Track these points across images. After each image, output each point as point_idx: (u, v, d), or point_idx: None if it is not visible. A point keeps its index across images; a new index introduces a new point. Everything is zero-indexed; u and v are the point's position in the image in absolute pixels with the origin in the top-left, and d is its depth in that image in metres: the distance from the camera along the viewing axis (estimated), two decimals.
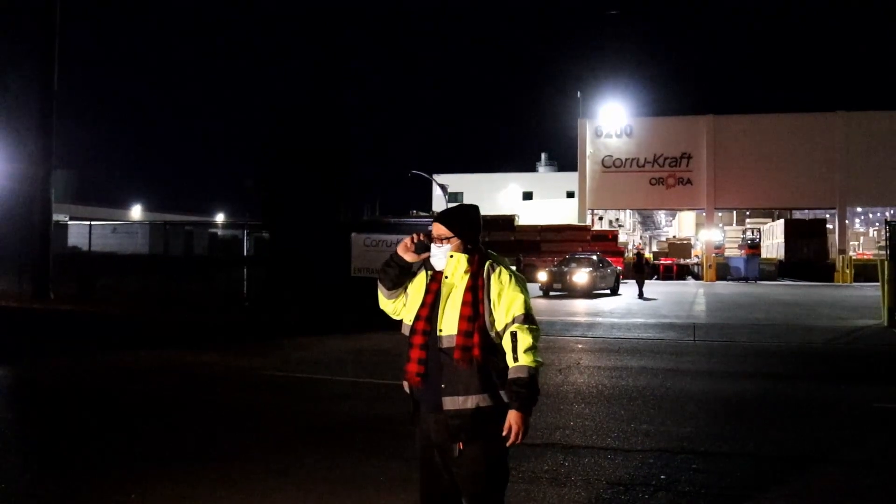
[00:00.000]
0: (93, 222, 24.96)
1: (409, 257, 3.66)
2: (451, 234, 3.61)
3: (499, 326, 3.53)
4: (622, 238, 49.33)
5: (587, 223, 45.95)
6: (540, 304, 23.62)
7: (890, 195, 44.64)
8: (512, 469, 3.88)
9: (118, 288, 22.65)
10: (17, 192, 23.92)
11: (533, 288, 27.74)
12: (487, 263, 3.62)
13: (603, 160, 47.23)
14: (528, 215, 54.64)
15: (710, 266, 41.56)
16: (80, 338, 15.23)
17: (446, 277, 3.61)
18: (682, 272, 43.56)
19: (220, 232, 33.57)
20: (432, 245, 3.63)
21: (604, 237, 41.63)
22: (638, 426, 7.74)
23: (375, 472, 6.10)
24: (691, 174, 46.12)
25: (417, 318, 3.60)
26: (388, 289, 3.75)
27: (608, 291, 29.19)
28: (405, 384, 3.66)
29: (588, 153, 47.46)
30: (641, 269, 28.39)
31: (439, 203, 57.13)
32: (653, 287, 33.59)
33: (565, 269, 28.59)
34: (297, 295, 19.16)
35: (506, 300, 3.54)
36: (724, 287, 35.27)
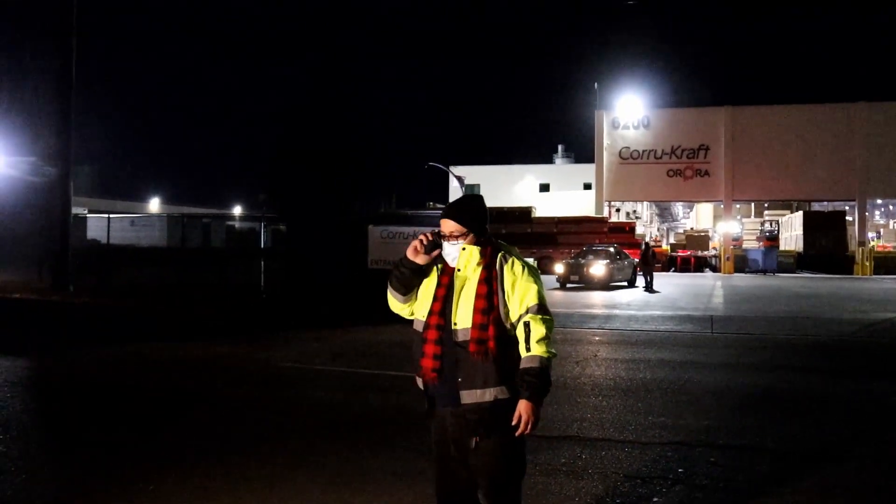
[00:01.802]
0: (111, 215, 25.20)
1: (421, 259, 3.58)
2: (464, 230, 3.56)
3: (513, 317, 3.52)
4: (639, 230, 49.10)
5: (604, 215, 45.76)
6: (557, 297, 23.59)
7: None
8: (529, 462, 3.87)
9: (136, 280, 22.82)
10: (37, 186, 24.10)
11: (550, 280, 27.75)
12: (500, 254, 3.60)
13: (620, 152, 46.99)
14: (545, 207, 54.46)
15: (727, 258, 41.34)
16: (100, 330, 15.35)
17: (458, 270, 3.56)
18: (700, 264, 43.35)
19: (237, 224, 33.76)
20: (444, 243, 3.57)
21: (621, 229, 41.46)
22: (655, 419, 7.72)
23: (391, 464, 6.12)
24: (709, 166, 45.80)
25: (430, 312, 3.56)
26: (403, 294, 3.69)
27: (625, 283, 29.09)
28: (418, 379, 3.65)
29: (605, 145, 47.21)
30: (649, 261, 28.27)
31: (456, 195, 57.02)
32: (670, 279, 33.47)
33: (582, 261, 28.53)
34: (313, 287, 19.23)
35: (519, 290, 3.52)
36: (742, 279, 35.07)
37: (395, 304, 3.76)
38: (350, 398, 8.84)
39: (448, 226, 3.58)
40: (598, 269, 27.39)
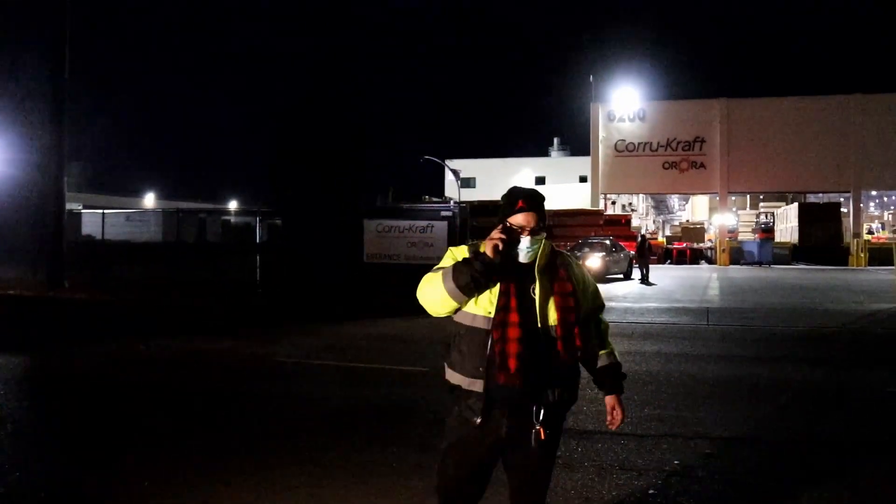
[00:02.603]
0: (106, 211, 25.07)
1: (497, 257, 3.25)
2: (541, 224, 3.39)
3: (583, 313, 3.45)
4: (635, 222, 49.11)
5: (600, 208, 45.78)
6: None
7: None
8: None
9: (132, 276, 22.75)
10: (31, 182, 24.00)
11: None
12: (557, 250, 3.53)
13: (616, 144, 47.00)
14: None
15: (723, 250, 41.33)
16: (95, 326, 15.31)
17: (531, 264, 3.34)
18: (696, 256, 43.34)
19: (232, 219, 33.66)
20: (522, 238, 3.29)
21: (617, 222, 41.45)
22: (651, 411, 7.72)
23: (390, 459, 6.12)
24: (704, 158, 45.83)
25: (507, 308, 3.26)
26: (470, 295, 3.29)
27: (621, 276, 29.12)
28: (470, 381, 3.33)
29: (601, 137, 47.21)
30: (645, 254, 28.28)
31: (451, 188, 56.96)
32: (666, 271, 33.49)
33: (578, 253, 28.51)
34: (309, 281, 19.21)
35: (590, 287, 3.55)
36: (738, 271, 35.09)
37: (447, 303, 3.35)
38: (345, 392, 8.83)
39: (527, 219, 3.34)
40: (594, 261, 27.38)
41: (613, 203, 51.13)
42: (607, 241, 30.05)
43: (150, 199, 70.79)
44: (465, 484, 3.48)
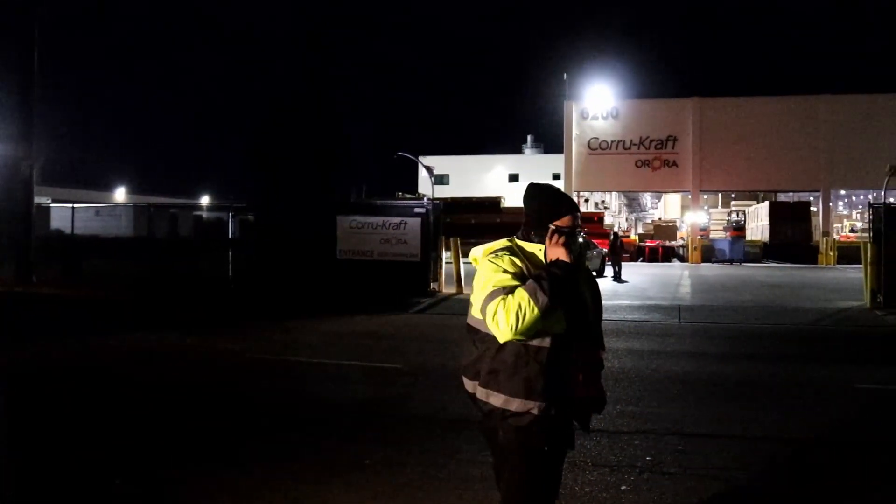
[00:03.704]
0: (76, 205, 24.73)
1: (574, 261, 3.14)
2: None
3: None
4: (608, 220, 49.36)
5: None
6: None
7: (873, 178, 44.78)
8: None
9: (102, 271, 22.48)
10: None
11: None
12: None
13: (589, 142, 47.19)
14: (515, 197, 54.53)
15: (695, 248, 41.68)
16: (64, 322, 15.11)
17: (580, 270, 3.24)
18: (668, 254, 43.65)
19: (205, 214, 33.31)
20: (580, 241, 3.20)
21: (589, 219, 41.61)
22: (624, 408, 7.76)
23: (362, 456, 6.10)
24: (677, 156, 46.14)
25: (573, 321, 3.12)
26: (555, 307, 3.04)
27: (594, 273, 29.15)
28: (537, 405, 3.10)
29: (574, 135, 47.38)
30: (617, 251, 28.42)
31: (425, 185, 56.90)
32: (638, 269, 33.67)
33: None
34: (282, 277, 19.11)
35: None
36: (710, 269, 35.39)
37: (539, 321, 3.01)
38: (318, 389, 8.81)
39: (576, 220, 3.24)
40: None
41: (587, 201, 51.37)
42: (580, 239, 30.14)
43: (120, 194, 70.00)
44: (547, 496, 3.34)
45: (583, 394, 3.15)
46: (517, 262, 3.16)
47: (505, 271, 3.11)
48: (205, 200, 68.23)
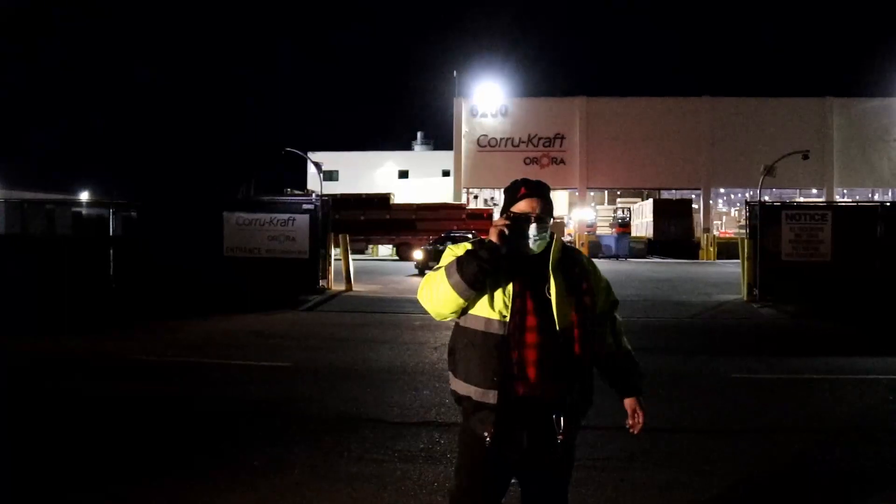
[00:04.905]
0: None
1: (503, 243, 2.96)
2: (549, 213, 3.12)
3: (598, 311, 3.22)
4: (497, 217, 49.69)
5: (463, 202, 46.00)
6: (416, 282, 23.35)
7: (751, 177, 46.65)
8: (390, 448, 3.47)
9: None
10: None
11: (408, 266, 27.48)
12: (568, 245, 3.29)
13: (478, 139, 47.41)
14: (404, 194, 54.29)
15: (582, 244, 42.32)
16: None
17: (544, 262, 3.05)
18: None
19: (84, 211, 31.80)
20: (531, 226, 3.00)
21: (479, 216, 41.70)
22: None
23: (250, 457, 5.83)
24: (565, 154, 46.89)
25: (522, 311, 2.96)
26: (477, 289, 2.94)
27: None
28: (482, 392, 2.99)
29: (464, 132, 47.52)
30: None
31: (314, 181, 56.02)
32: None
33: (441, 247, 28.38)
34: (166, 276, 18.22)
35: (602, 282, 3.32)
36: (596, 265, 35.94)
37: (453, 300, 2.98)
38: (211, 391, 8.35)
39: (531, 204, 3.11)
40: None
41: (476, 197, 51.57)
42: (469, 235, 30.10)
43: None
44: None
45: (522, 392, 2.95)
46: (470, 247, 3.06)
47: (454, 256, 3.05)
48: (84, 196, 65.41)
